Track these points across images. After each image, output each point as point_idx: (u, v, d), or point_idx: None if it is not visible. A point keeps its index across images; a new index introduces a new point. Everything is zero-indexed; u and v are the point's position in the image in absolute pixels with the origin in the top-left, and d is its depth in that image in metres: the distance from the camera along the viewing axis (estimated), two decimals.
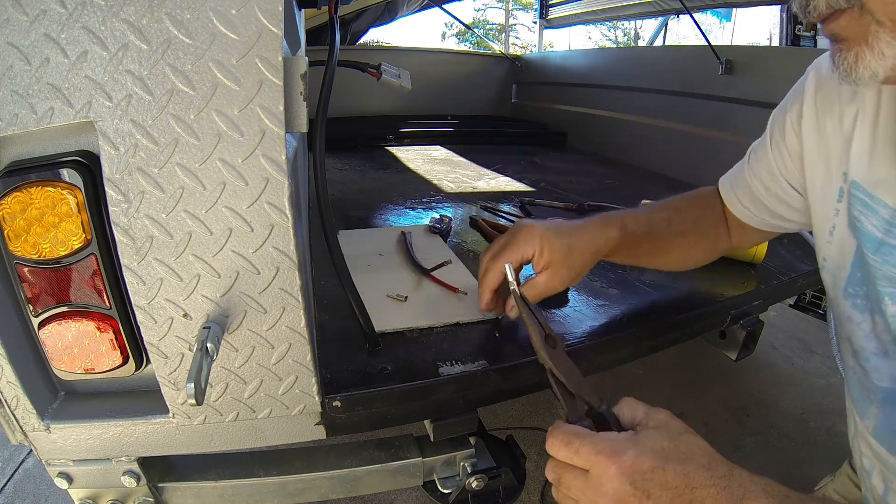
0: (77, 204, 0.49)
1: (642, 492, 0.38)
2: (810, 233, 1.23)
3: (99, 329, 0.55)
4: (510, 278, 0.62)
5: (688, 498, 0.38)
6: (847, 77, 0.41)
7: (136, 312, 0.53)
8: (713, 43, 1.75)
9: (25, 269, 0.51)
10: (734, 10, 7.97)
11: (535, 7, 3.36)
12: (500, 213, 1.39)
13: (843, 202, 0.53)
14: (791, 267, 1.10)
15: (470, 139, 2.62)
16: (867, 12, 0.37)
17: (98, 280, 0.53)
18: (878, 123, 0.49)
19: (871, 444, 0.56)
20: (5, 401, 0.56)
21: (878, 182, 0.49)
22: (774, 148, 0.65)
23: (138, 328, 0.54)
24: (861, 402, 0.57)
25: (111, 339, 0.55)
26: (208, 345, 0.50)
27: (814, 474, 0.82)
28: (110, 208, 0.48)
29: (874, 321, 0.52)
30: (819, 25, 0.42)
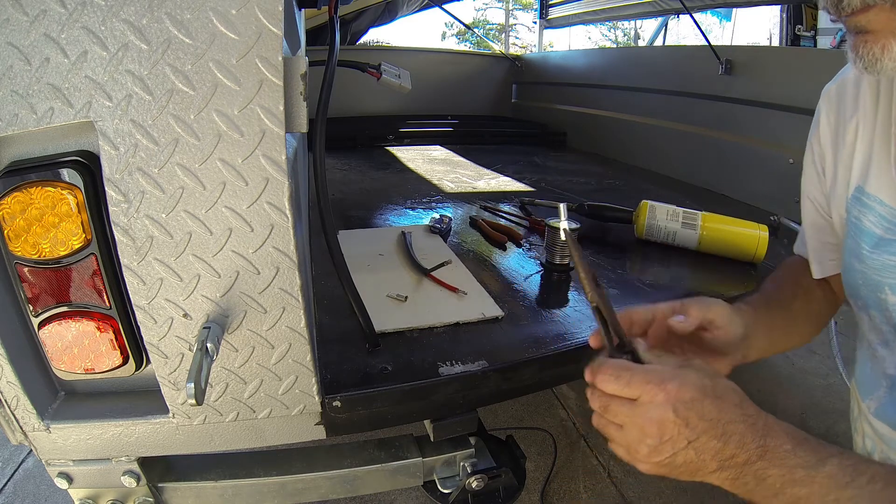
0: (77, 204, 0.49)
1: (682, 419, 0.41)
2: None
3: (99, 329, 0.55)
4: (563, 216, 0.60)
5: (720, 430, 0.41)
6: (871, 67, 0.43)
7: (136, 312, 0.53)
8: (713, 43, 1.75)
9: (25, 269, 0.51)
10: (734, 10, 7.97)
11: (535, 7, 3.36)
12: (500, 213, 1.39)
13: (847, 211, 0.56)
14: None
15: (470, 139, 2.62)
16: None
17: (98, 280, 0.53)
18: (875, 128, 0.52)
19: (874, 425, 0.57)
20: (5, 401, 0.56)
21: (876, 182, 0.52)
22: (810, 188, 0.65)
23: (138, 328, 0.54)
24: (866, 385, 0.59)
25: (111, 339, 0.55)
26: (208, 345, 0.50)
27: None
28: (110, 208, 0.48)
29: (870, 315, 0.55)
30: (840, 19, 0.45)
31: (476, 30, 13.05)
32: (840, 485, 0.39)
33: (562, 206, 0.59)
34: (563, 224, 0.58)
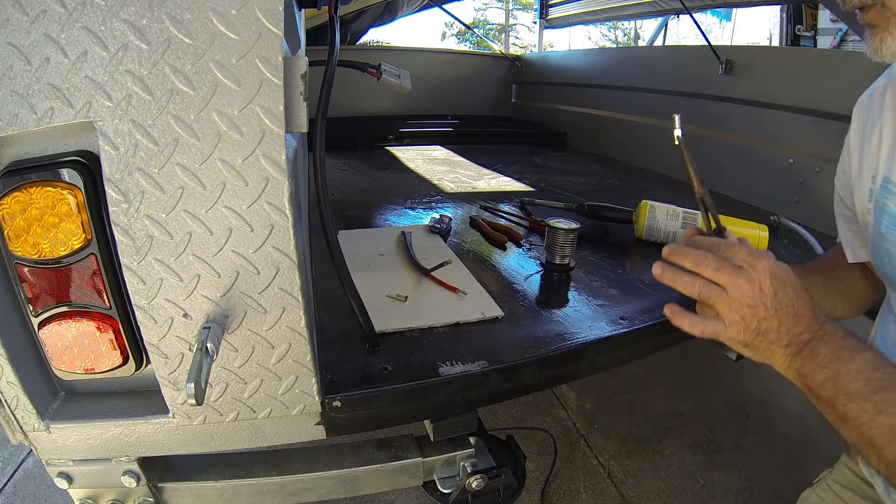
0: (77, 204, 0.49)
1: (773, 290, 0.50)
2: (807, 230, 1.23)
3: (99, 329, 0.55)
4: (677, 124, 0.69)
5: (795, 310, 0.51)
6: (875, 54, 0.53)
7: (136, 312, 0.53)
8: (713, 43, 1.75)
9: (25, 269, 0.51)
10: (734, 10, 7.96)
11: (535, 7, 3.36)
12: (500, 213, 1.39)
13: (871, 202, 0.62)
14: None
15: (470, 139, 2.62)
16: (887, 8, 0.51)
17: (98, 280, 0.53)
18: None
19: None
20: (5, 401, 0.56)
21: None
22: (839, 186, 0.76)
23: (138, 328, 0.54)
24: (887, 353, 0.63)
25: (111, 339, 0.55)
26: (208, 345, 0.50)
27: (814, 474, 0.82)
28: (110, 208, 0.48)
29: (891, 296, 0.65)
30: (856, 14, 0.54)
31: (476, 30, 13.05)
32: (873, 367, 0.48)
33: (676, 117, 0.69)
34: (678, 132, 0.67)
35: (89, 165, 0.49)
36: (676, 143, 0.63)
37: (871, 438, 0.47)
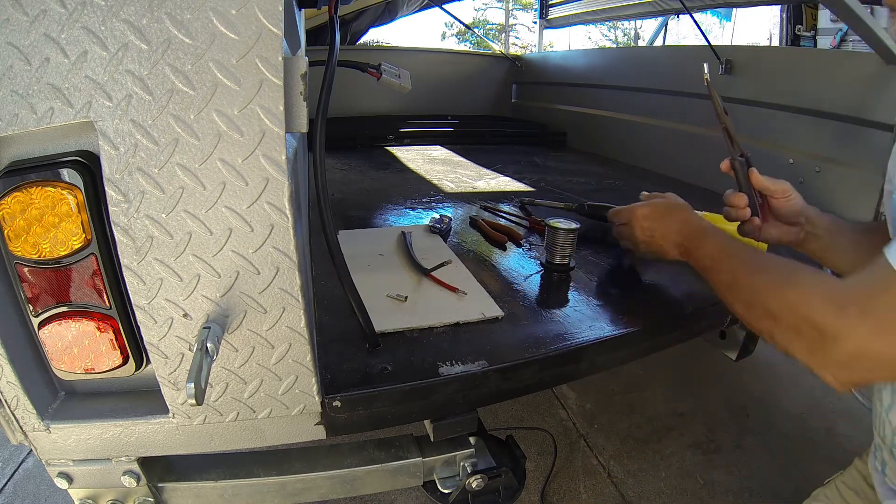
0: (77, 204, 0.49)
1: (646, 227, 0.90)
2: None
3: (99, 329, 0.55)
4: (706, 69, 0.93)
5: (660, 232, 0.87)
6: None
7: (136, 312, 0.53)
8: (713, 43, 1.75)
9: (25, 269, 0.51)
10: (734, 10, 7.96)
11: (535, 7, 3.35)
12: (500, 213, 1.39)
13: None
14: None
15: (470, 139, 2.62)
16: None
17: (98, 280, 0.53)
18: None
19: None
20: (5, 401, 0.56)
21: None
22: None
23: (138, 328, 0.54)
24: None
25: (111, 339, 0.55)
26: (208, 345, 0.50)
27: (814, 474, 0.83)
28: (110, 208, 0.48)
29: None
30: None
31: (476, 30, 13.04)
32: (721, 248, 0.73)
33: (706, 64, 0.82)
34: (707, 75, 0.80)
35: (89, 165, 0.49)
36: (706, 84, 0.89)
37: (727, 285, 0.67)
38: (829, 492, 0.78)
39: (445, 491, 0.75)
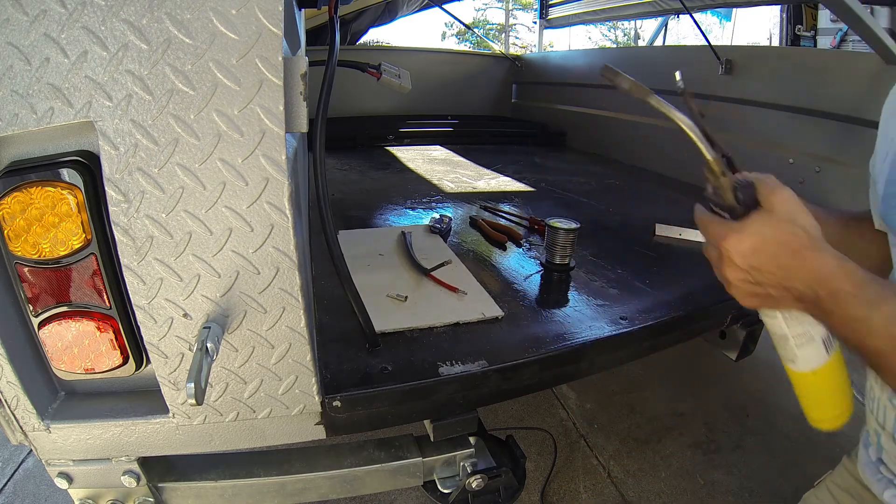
0: (77, 204, 0.49)
1: (747, 267, 0.51)
2: None
3: (99, 329, 0.54)
4: (678, 77, 0.73)
5: (780, 275, 0.50)
6: None
7: (136, 312, 0.53)
8: (713, 43, 1.75)
9: (25, 269, 0.51)
10: (734, 10, 7.96)
11: (535, 7, 3.35)
12: (500, 213, 1.39)
13: (886, 160, 0.62)
14: None
15: (470, 139, 2.62)
16: None
17: (98, 280, 0.53)
18: None
19: None
20: (5, 401, 0.56)
21: None
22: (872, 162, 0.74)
23: (138, 328, 0.54)
24: None
25: (111, 339, 0.55)
26: (208, 345, 0.50)
27: (813, 474, 0.82)
28: (110, 208, 0.48)
29: None
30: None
31: (476, 30, 13.04)
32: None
33: (677, 73, 0.74)
34: (680, 82, 0.72)
35: (89, 165, 0.49)
36: (680, 93, 0.71)
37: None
38: (820, 493, 0.77)
39: (445, 491, 0.75)
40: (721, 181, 0.57)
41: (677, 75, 0.70)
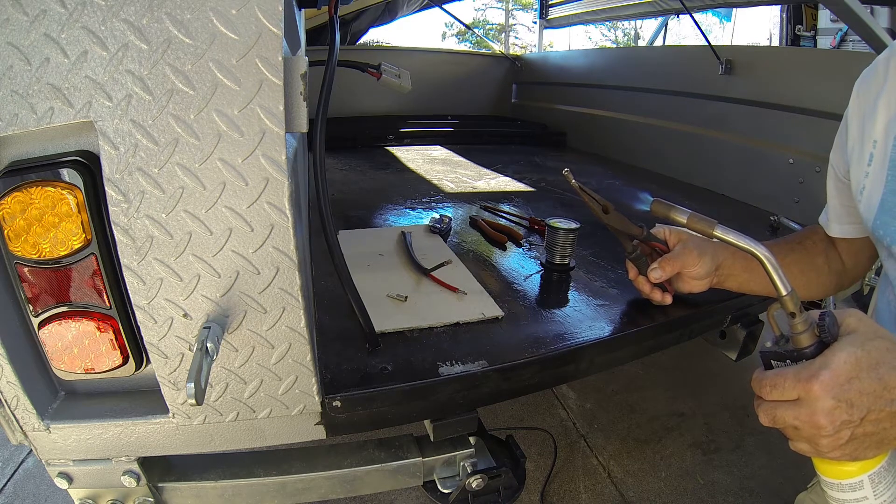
0: (77, 204, 0.49)
1: (845, 402, 0.43)
2: None
3: (99, 329, 0.55)
4: (571, 178, 0.81)
5: (886, 398, 0.42)
6: None
7: (136, 312, 0.53)
8: (713, 43, 1.75)
9: (25, 269, 0.51)
10: (734, 10, 7.96)
11: (535, 7, 3.36)
12: (500, 213, 1.39)
13: (872, 165, 0.64)
14: None
15: (470, 139, 2.62)
16: None
17: (98, 280, 0.53)
18: None
19: None
20: (5, 401, 0.56)
21: None
22: (835, 158, 0.77)
23: (138, 328, 0.54)
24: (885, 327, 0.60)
25: (111, 339, 0.55)
26: (208, 345, 0.50)
27: (813, 474, 0.82)
28: (110, 208, 0.48)
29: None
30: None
31: (476, 30, 13.05)
32: None
33: (567, 170, 0.78)
34: (573, 182, 0.82)
35: (89, 165, 0.49)
36: (575, 190, 0.82)
37: None
38: (814, 496, 0.77)
39: (445, 491, 0.75)
40: (797, 321, 0.47)
41: (565, 172, 0.71)
